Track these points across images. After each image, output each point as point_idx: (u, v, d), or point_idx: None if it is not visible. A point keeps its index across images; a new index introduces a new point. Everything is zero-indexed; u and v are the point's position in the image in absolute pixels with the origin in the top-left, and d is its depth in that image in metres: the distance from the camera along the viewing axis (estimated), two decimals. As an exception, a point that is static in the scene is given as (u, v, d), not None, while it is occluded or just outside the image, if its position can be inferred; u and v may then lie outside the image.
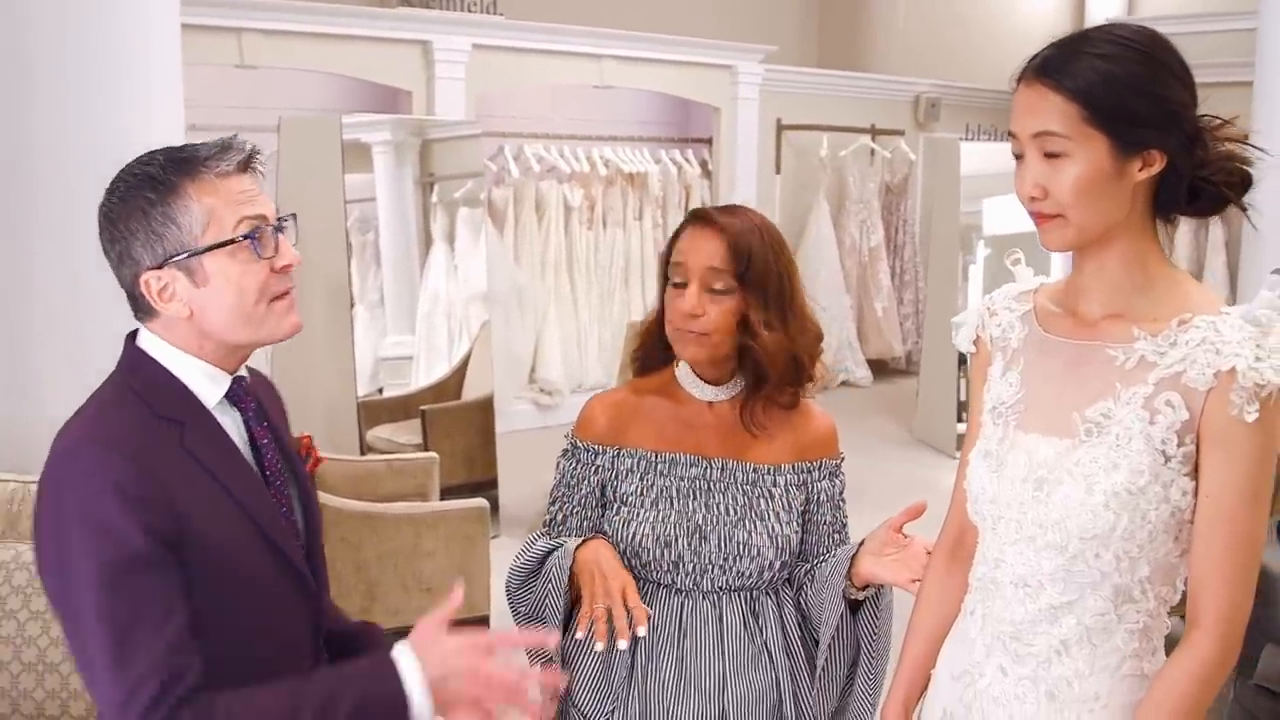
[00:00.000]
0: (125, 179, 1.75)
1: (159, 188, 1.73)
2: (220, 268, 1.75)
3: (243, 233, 1.75)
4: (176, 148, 1.78)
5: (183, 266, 1.74)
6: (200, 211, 1.73)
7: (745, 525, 2.29)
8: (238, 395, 1.85)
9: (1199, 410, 1.71)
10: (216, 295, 1.76)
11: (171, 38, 3.90)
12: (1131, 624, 1.80)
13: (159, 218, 1.72)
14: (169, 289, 1.75)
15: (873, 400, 10.11)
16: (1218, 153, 1.77)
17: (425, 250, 7.09)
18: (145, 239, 1.73)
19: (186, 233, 1.73)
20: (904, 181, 10.90)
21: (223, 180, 1.76)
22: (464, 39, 7.97)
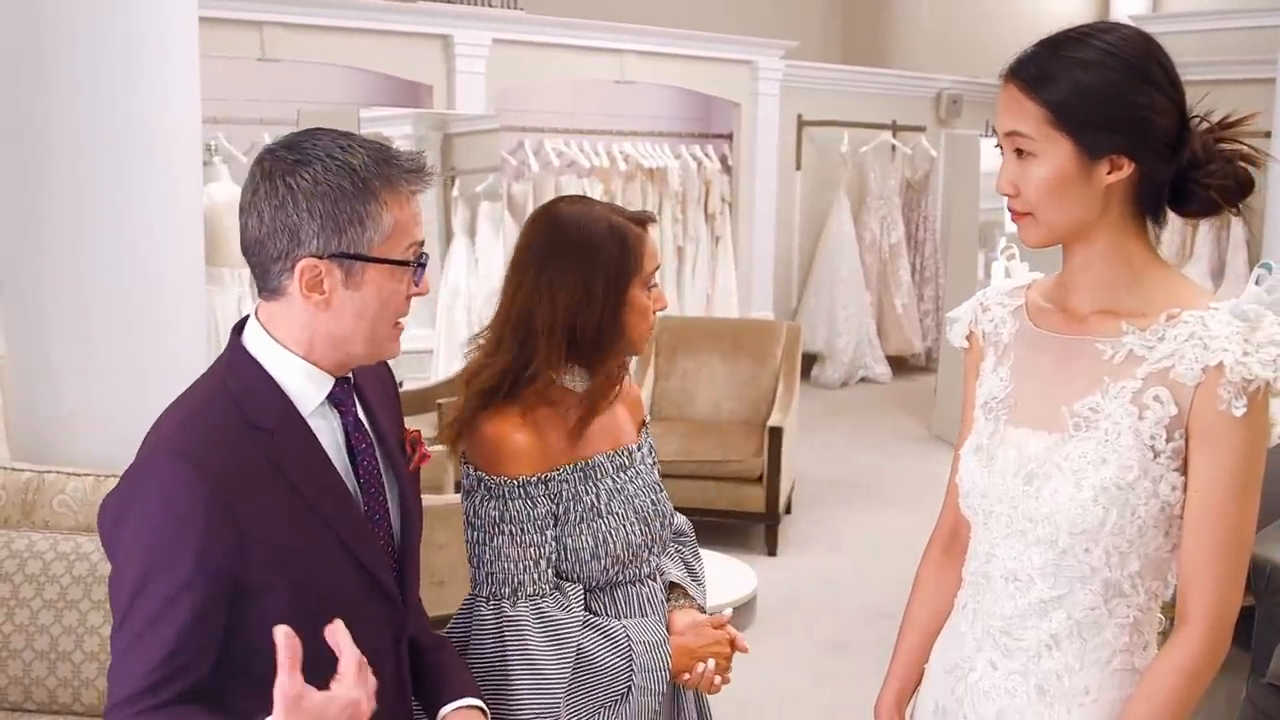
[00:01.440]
0: (322, 158, 1.70)
1: (359, 184, 1.70)
2: (377, 280, 1.73)
3: (409, 257, 1.76)
4: (379, 147, 1.75)
5: (345, 265, 1.71)
6: (388, 222, 1.72)
7: (663, 497, 2.41)
8: (339, 398, 1.82)
9: (1188, 405, 1.72)
10: (360, 303, 1.74)
11: (189, 30, 3.92)
12: (1122, 618, 1.81)
13: (349, 212, 1.69)
14: (321, 280, 1.71)
15: (892, 397, 10.10)
16: (1218, 154, 1.76)
17: (446, 244, 7.12)
18: (323, 225, 1.69)
19: (368, 238, 1.71)
20: (925, 178, 10.88)
21: (411, 199, 1.75)
22: (484, 33, 7.99)
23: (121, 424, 3.69)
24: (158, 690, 1.63)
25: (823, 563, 6.26)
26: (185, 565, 1.63)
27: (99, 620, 3.20)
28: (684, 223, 9.42)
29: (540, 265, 2.25)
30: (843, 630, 5.37)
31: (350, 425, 1.83)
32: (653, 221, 2.35)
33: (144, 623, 1.64)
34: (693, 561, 2.54)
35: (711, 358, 6.91)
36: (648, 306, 2.28)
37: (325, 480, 1.78)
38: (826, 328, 10.28)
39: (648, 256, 2.27)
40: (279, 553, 1.69)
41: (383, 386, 1.99)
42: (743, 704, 2.60)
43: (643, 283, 2.26)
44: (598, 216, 2.28)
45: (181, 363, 3.82)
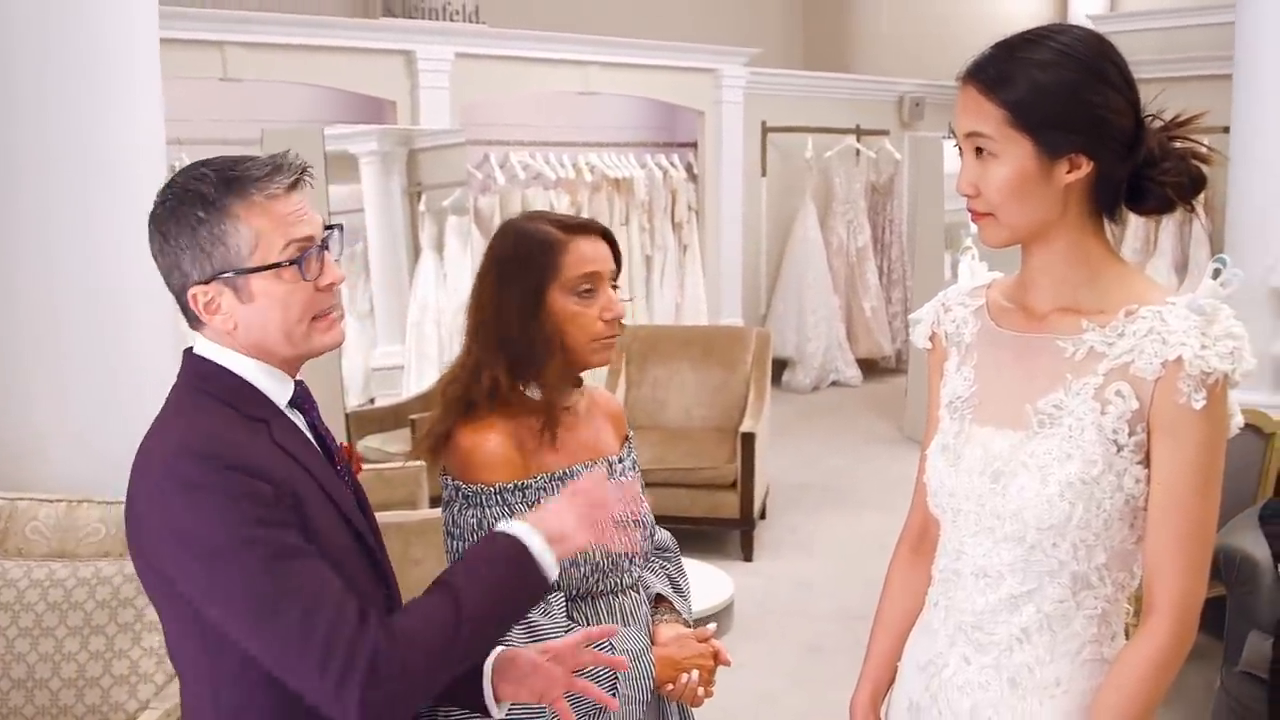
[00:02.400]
0: (177, 194, 1.78)
1: (209, 207, 1.75)
2: (265, 288, 1.78)
3: (289, 256, 1.78)
4: (229, 164, 1.80)
5: (229, 283, 1.77)
6: (249, 233, 1.76)
7: (645, 508, 2.39)
8: (299, 398, 1.89)
9: (1148, 399, 1.75)
10: (261, 313, 1.79)
11: (151, 52, 3.92)
12: (1090, 610, 1.84)
13: (207, 236, 1.75)
14: (215, 302, 1.78)
15: (863, 399, 10.14)
16: (1172, 151, 1.80)
17: (414, 259, 7.12)
18: (193, 255, 1.76)
19: (234, 253, 1.76)
20: (890, 181, 10.93)
21: (272, 202, 1.78)
22: (447, 48, 7.99)
23: (94, 444, 3.69)
24: (364, 626, 1.66)
25: (798, 567, 6.28)
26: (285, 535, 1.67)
27: (75, 647, 3.20)
28: (651, 232, 9.44)
29: (480, 277, 2.33)
30: (819, 633, 5.40)
31: (317, 422, 1.91)
32: (595, 232, 2.34)
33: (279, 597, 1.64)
34: (677, 577, 2.56)
35: (682, 365, 6.93)
36: (580, 314, 2.27)
37: (318, 459, 1.85)
38: (796, 333, 10.32)
39: (571, 263, 2.26)
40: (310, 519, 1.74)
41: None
42: (721, 709, 2.61)
43: (566, 289, 2.26)
44: (525, 227, 2.33)
45: (153, 382, 3.80)
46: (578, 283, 2.27)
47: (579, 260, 2.27)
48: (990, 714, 1.88)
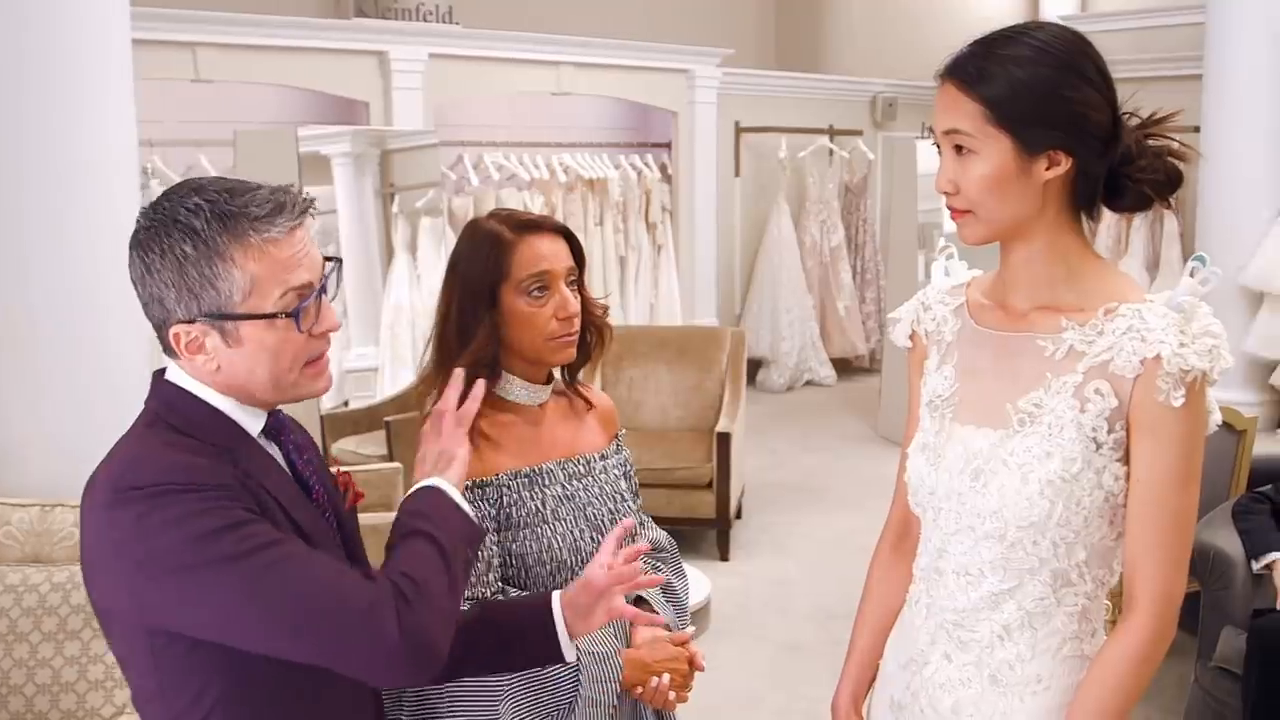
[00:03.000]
0: (166, 223, 1.62)
1: (200, 245, 1.61)
2: (257, 335, 1.65)
3: (285, 307, 1.65)
4: (226, 195, 1.64)
5: (216, 326, 1.64)
6: (243, 279, 1.62)
7: (626, 507, 2.40)
8: (274, 429, 1.77)
9: (1128, 397, 1.76)
10: (248, 359, 1.66)
11: (124, 53, 3.89)
12: (1070, 607, 1.85)
13: (196, 276, 1.61)
14: (198, 342, 1.65)
15: (837, 399, 10.16)
16: (1148, 149, 1.81)
17: (387, 261, 7.09)
18: (179, 293, 1.62)
19: (224, 297, 1.62)
20: (863, 181, 10.96)
21: (270, 246, 1.64)
22: (420, 49, 7.97)
23: (69, 447, 3.67)
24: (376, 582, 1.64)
25: (774, 566, 6.29)
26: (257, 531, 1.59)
27: (50, 652, 3.18)
28: (625, 232, 9.44)
29: (444, 277, 2.33)
30: (796, 632, 5.41)
31: (292, 453, 1.79)
32: (549, 229, 2.31)
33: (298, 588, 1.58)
34: (671, 579, 2.53)
35: (657, 366, 6.93)
36: (533, 314, 2.25)
37: (294, 494, 1.74)
38: (770, 332, 10.33)
39: (521, 262, 2.24)
40: None
41: (304, 437, 1.91)
42: (700, 709, 2.61)
43: (517, 289, 2.24)
44: (480, 227, 2.31)
45: (126, 386, 3.79)
46: (529, 282, 2.25)
47: (530, 259, 2.25)
48: (972, 711, 1.89)
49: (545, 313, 2.26)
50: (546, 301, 2.27)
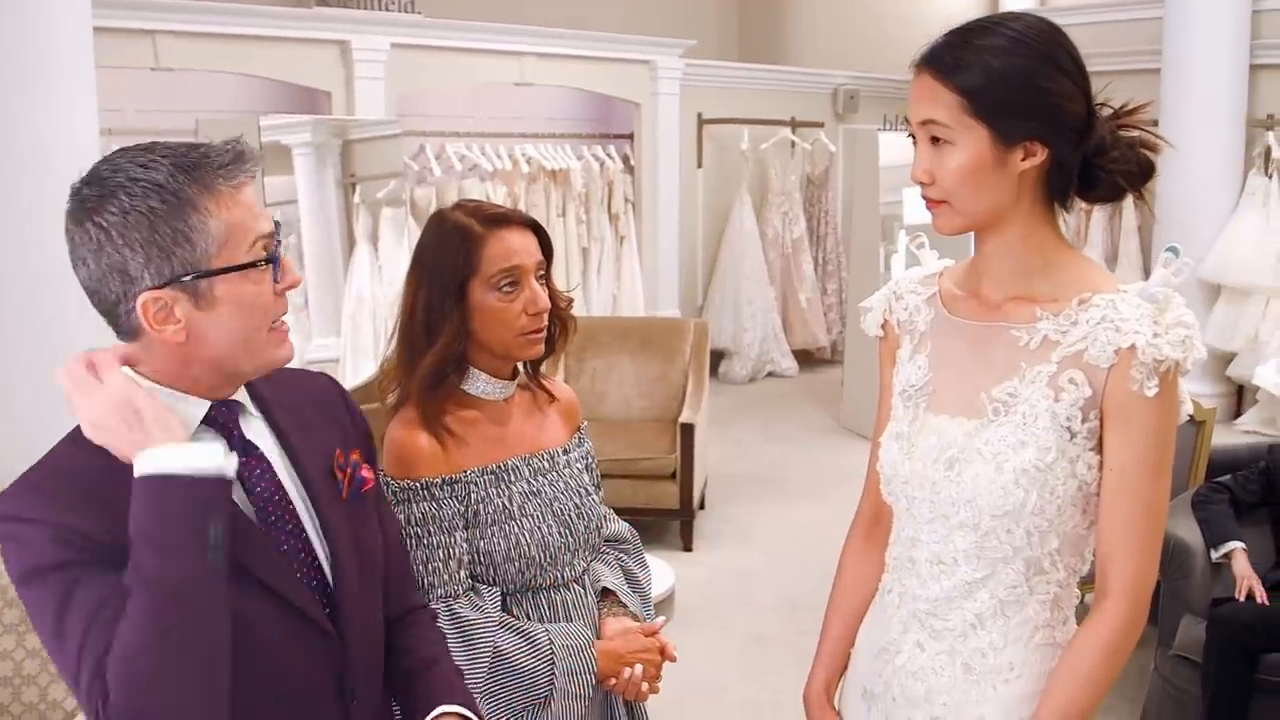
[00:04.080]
0: (121, 184, 1.53)
1: (169, 199, 1.52)
2: (231, 291, 1.57)
3: (256, 256, 1.58)
4: (181, 149, 1.57)
5: (188, 288, 1.55)
6: (218, 229, 1.55)
7: (590, 500, 2.40)
8: (220, 421, 1.66)
9: (1101, 387, 1.77)
10: (223, 320, 1.57)
11: (84, 41, 3.86)
12: (1043, 595, 1.86)
13: (168, 233, 1.52)
14: (167, 310, 1.55)
15: (799, 390, 10.19)
16: (1120, 140, 1.82)
17: (349, 252, 7.06)
18: (148, 256, 1.52)
19: (200, 252, 1.54)
20: (825, 173, 10.98)
21: (238, 193, 1.57)
22: (382, 38, 7.93)
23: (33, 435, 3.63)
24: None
25: (738, 557, 6.31)
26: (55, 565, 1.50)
27: (11, 644, 3.16)
28: (588, 223, 9.43)
29: (409, 269, 2.30)
30: (760, 623, 5.42)
31: (236, 448, 1.65)
32: (518, 223, 2.29)
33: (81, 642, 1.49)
34: (635, 570, 2.54)
35: (620, 357, 6.93)
36: (502, 309, 2.23)
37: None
38: (733, 324, 10.34)
39: (491, 257, 2.22)
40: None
41: (322, 409, 1.84)
42: (666, 700, 2.62)
43: (487, 284, 2.22)
44: (448, 219, 2.29)
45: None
46: (499, 277, 2.23)
47: (500, 254, 2.23)
48: (944, 699, 1.90)
49: (515, 308, 2.25)
50: (516, 296, 2.25)
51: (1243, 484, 4.36)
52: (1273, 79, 8.53)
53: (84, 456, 1.56)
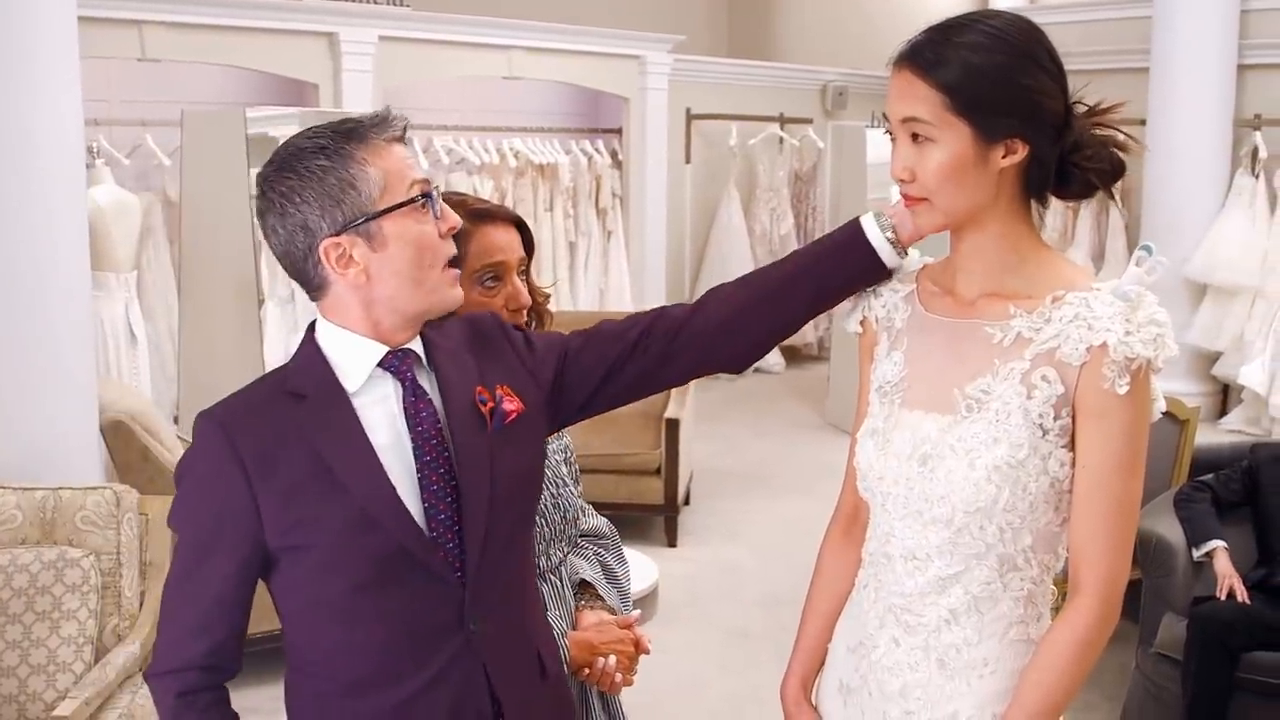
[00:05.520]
0: (294, 154, 1.77)
1: (333, 155, 1.76)
2: (398, 230, 1.78)
3: (417, 195, 1.80)
4: (337, 121, 1.81)
5: (361, 231, 1.76)
6: (376, 175, 1.77)
7: (567, 492, 2.44)
8: (395, 365, 1.84)
9: (1074, 384, 1.77)
10: (394, 258, 1.78)
11: (69, 31, 3.84)
12: (1016, 591, 1.86)
13: (335, 184, 1.75)
14: (346, 254, 1.77)
15: (785, 386, 10.20)
16: (1093, 138, 1.83)
17: (336, 244, 7.04)
18: (322, 207, 1.75)
19: (365, 196, 1.76)
20: (813, 169, 10.99)
21: (390, 146, 1.80)
22: (370, 31, 7.92)
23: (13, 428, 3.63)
24: (186, 672, 1.79)
25: (722, 552, 6.31)
26: (207, 527, 1.77)
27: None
28: (575, 218, 9.43)
29: None
30: (744, 618, 5.43)
31: (408, 391, 1.83)
32: (503, 219, 2.29)
33: (177, 586, 1.80)
34: (613, 565, 2.55)
35: (607, 352, 6.92)
36: (484, 304, 2.22)
37: (353, 449, 1.78)
38: (720, 319, 10.32)
39: (476, 253, 2.21)
40: (297, 519, 1.74)
41: (481, 346, 1.95)
42: (648, 694, 2.62)
43: (470, 279, 2.21)
44: None
45: (68, 371, 3.75)
46: (482, 272, 2.23)
47: (484, 250, 2.23)
48: (919, 694, 1.90)
49: (496, 303, 2.24)
50: (498, 292, 2.25)
51: (1225, 483, 4.38)
52: (1261, 79, 8.54)
53: None
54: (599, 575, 2.48)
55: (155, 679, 1.82)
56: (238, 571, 1.78)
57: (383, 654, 1.79)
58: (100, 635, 3.36)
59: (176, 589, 1.81)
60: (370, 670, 1.79)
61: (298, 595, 1.80)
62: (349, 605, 1.78)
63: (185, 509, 1.81)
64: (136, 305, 6.54)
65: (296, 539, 1.75)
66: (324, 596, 1.78)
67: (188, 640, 1.79)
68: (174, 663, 1.79)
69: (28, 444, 3.64)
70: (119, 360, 6.28)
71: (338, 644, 1.80)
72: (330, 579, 1.77)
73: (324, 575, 1.77)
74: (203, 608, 1.79)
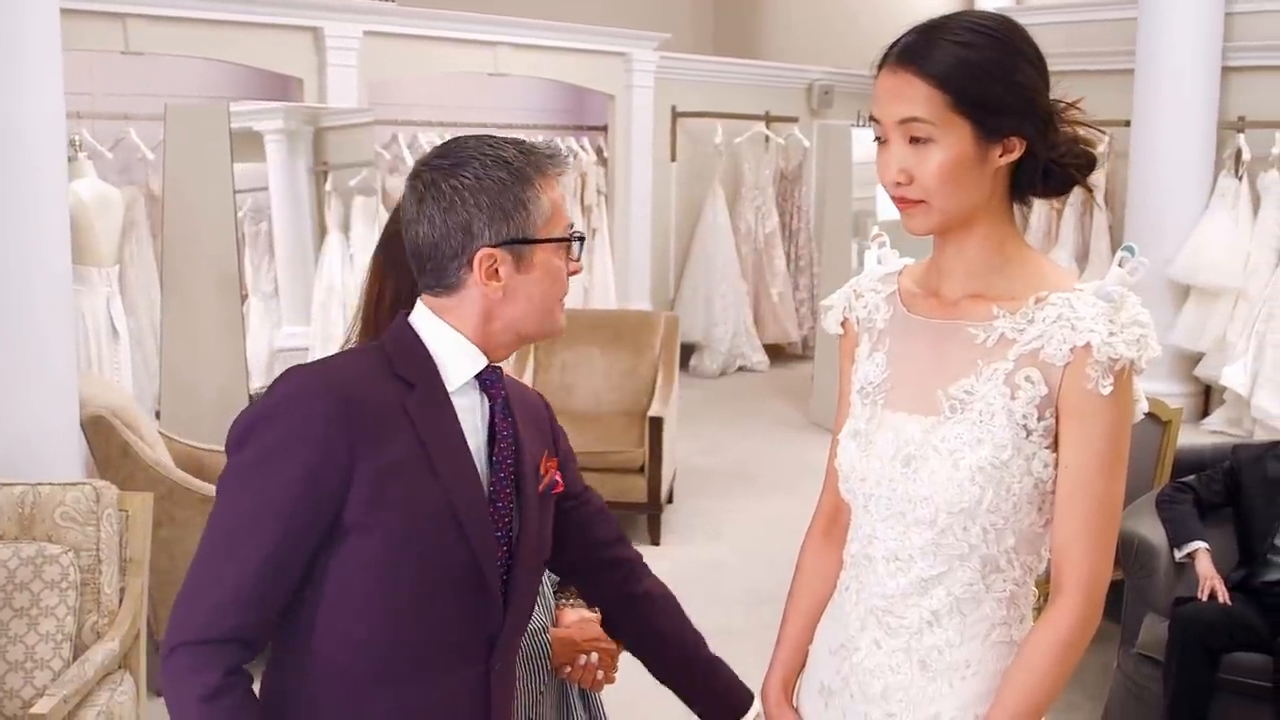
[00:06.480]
0: (473, 157, 1.81)
1: (515, 173, 1.81)
2: (546, 260, 1.84)
3: (572, 234, 1.88)
4: (518, 140, 1.87)
5: (515, 251, 1.81)
6: (547, 205, 1.83)
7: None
8: (489, 381, 1.88)
9: (1057, 385, 1.77)
10: (533, 285, 1.84)
11: (51, 23, 3.82)
12: (999, 593, 1.86)
13: (512, 200, 1.80)
14: (495, 267, 1.81)
15: (769, 384, 10.21)
16: (1066, 135, 1.83)
17: (320, 240, 7.03)
18: (491, 216, 1.79)
19: (531, 220, 1.81)
20: (798, 168, 11.00)
21: (558, 181, 1.87)
22: (355, 26, 7.90)
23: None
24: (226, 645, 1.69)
25: (706, 550, 6.31)
26: (288, 486, 1.70)
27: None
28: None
29: (372, 258, 2.29)
30: (727, 616, 5.42)
31: (499, 408, 1.89)
32: None
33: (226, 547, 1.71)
34: None
35: (591, 349, 6.93)
36: None
37: (453, 449, 1.82)
38: (704, 318, 10.35)
39: None
40: (385, 498, 1.73)
41: (532, 412, 2.03)
42: (630, 693, 2.61)
43: None
44: None
45: (49, 366, 3.73)
46: None
47: None
48: (901, 696, 1.90)
49: None
50: None
51: (1207, 484, 4.39)
52: (1244, 81, 8.57)
53: None
54: None
55: (186, 650, 1.68)
56: (311, 537, 1.72)
57: (408, 658, 1.78)
58: (79, 632, 3.34)
59: (224, 550, 1.70)
60: (389, 668, 1.78)
61: (351, 576, 1.74)
62: (399, 598, 1.76)
63: (263, 463, 1.71)
64: (118, 300, 6.51)
65: (376, 518, 1.73)
66: (379, 584, 1.75)
67: (230, 609, 1.68)
68: (209, 631, 1.67)
69: (7, 438, 3.62)
70: (100, 355, 6.24)
71: (372, 634, 1.77)
72: (393, 568, 1.75)
73: (388, 562, 1.75)
74: (258, 575, 1.69)
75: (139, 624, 3.50)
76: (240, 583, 1.68)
